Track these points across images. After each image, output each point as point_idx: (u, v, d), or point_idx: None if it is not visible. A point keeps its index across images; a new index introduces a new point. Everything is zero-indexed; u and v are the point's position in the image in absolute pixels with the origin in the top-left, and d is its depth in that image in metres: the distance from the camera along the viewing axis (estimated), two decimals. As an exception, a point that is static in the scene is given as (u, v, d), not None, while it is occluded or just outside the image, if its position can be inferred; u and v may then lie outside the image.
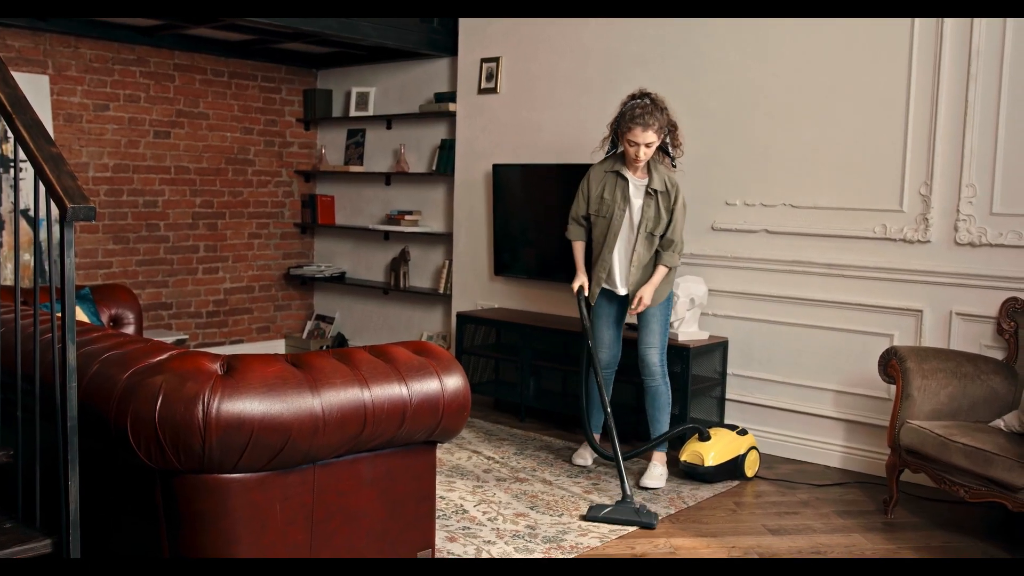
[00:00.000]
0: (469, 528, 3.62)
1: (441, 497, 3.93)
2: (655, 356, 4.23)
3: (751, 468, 4.33)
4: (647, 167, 4.14)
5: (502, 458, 4.58)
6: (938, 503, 4.03)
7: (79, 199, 2.22)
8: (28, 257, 5.39)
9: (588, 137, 5.26)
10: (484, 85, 5.88)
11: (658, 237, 4.15)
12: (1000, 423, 3.64)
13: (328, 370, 2.40)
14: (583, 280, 4.29)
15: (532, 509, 3.86)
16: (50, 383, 2.37)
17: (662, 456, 4.27)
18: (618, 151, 4.20)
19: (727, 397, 4.90)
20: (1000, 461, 3.32)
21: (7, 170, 5.44)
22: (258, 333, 7.04)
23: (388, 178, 6.70)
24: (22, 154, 2.36)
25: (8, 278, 5.46)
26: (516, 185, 5.64)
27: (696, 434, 4.28)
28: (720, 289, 4.89)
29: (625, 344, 4.42)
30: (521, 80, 5.72)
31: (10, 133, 2.72)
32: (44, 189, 2.28)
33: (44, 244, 5.31)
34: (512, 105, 5.77)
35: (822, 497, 4.12)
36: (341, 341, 6.95)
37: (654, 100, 4.07)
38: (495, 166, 5.72)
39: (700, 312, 4.84)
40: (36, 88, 5.56)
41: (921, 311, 4.31)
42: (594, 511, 3.72)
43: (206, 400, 2.16)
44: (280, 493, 2.36)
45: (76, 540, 2.28)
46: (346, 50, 6.52)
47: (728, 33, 4.80)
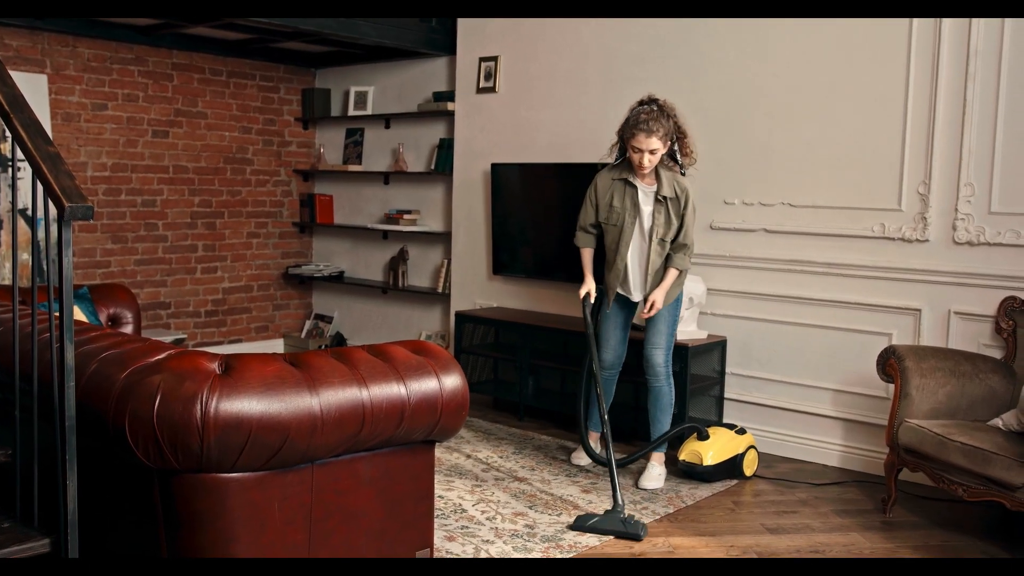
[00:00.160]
0: (468, 527, 3.62)
1: (440, 496, 3.92)
2: (660, 356, 4.22)
3: (750, 467, 4.33)
4: (656, 173, 4.09)
5: (501, 457, 4.58)
6: (937, 502, 4.03)
7: (77, 198, 2.21)
8: (26, 256, 5.39)
9: (587, 136, 5.27)
10: (483, 84, 5.88)
11: (670, 242, 4.14)
12: (998, 422, 3.64)
13: (326, 369, 2.40)
14: (590, 287, 4.27)
15: (531, 508, 3.86)
16: (48, 383, 2.37)
17: (660, 456, 4.26)
18: (626, 158, 4.15)
19: (726, 396, 4.90)
20: (998, 460, 3.32)
21: (5, 169, 5.43)
22: (256, 332, 7.04)
23: (387, 177, 6.70)
24: (20, 153, 2.36)
25: (6, 277, 5.46)
26: (515, 184, 5.64)
27: (695, 433, 4.28)
28: (719, 288, 4.89)
29: (631, 345, 4.42)
30: (520, 79, 5.72)
31: (8, 132, 2.71)
32: (42, 188, 2.28)
33: (42, 243, 5.31)
34: (511, 104, 5.76)
35: (821, 496, 4.12)
36: (340, 340, 6.95)
37: (661, 107, 4.02)
38: (494, 165, 5.71)
39: (699, 311, 4.85)
40: (34, 87, 5.56)
41: (919, 310, 4.31)
42: (581, 521, 3.64)
43: (204, 399, 2.16)
44: (278, 493, 2.36)
45: (74, 540, 2.28)
46: (345, 49, 6.52)
47: (727, 33, 4.80)
